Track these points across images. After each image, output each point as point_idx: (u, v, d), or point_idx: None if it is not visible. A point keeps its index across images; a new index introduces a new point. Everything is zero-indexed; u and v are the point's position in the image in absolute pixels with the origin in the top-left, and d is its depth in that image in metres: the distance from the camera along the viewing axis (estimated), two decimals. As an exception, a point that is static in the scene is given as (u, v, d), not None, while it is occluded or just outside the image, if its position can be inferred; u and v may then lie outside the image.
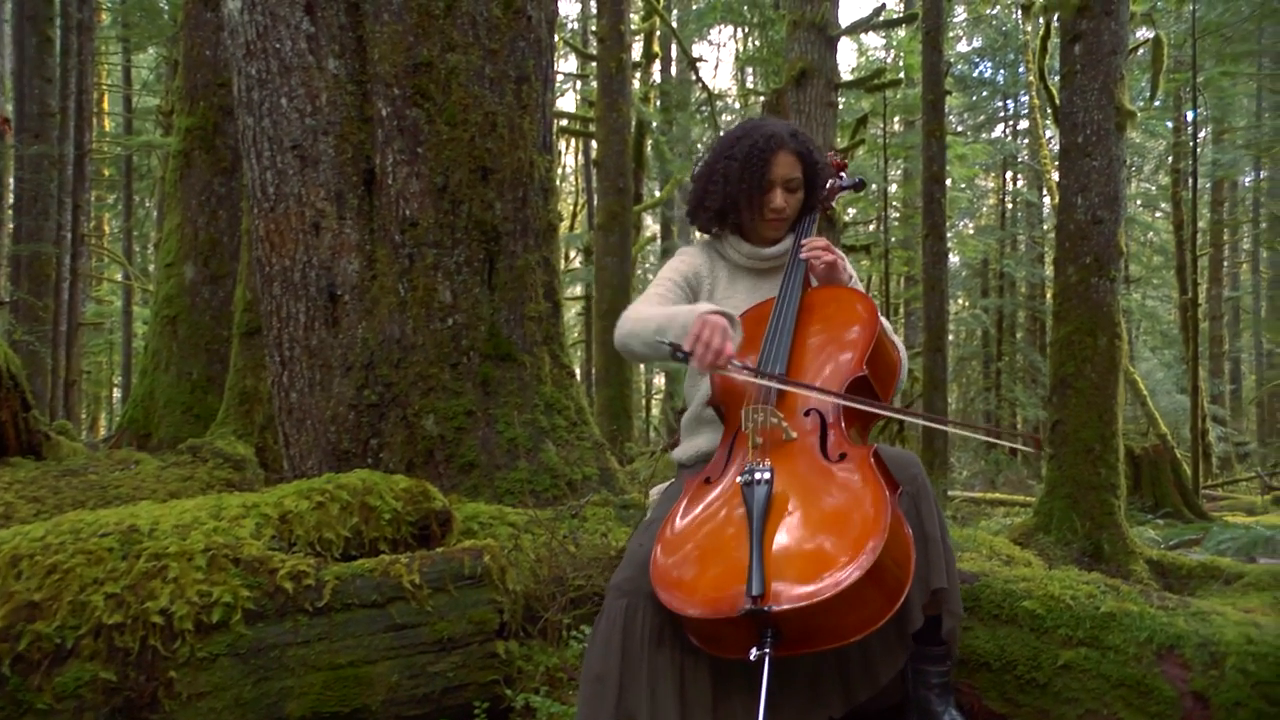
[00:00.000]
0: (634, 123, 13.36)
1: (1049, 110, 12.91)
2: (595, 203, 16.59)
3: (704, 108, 18.59)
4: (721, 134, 2.59)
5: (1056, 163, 6.86)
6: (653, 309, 2.25)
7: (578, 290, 20.38)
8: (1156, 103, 16.53)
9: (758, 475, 1.86)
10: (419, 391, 3.67)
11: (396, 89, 3.71)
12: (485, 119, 3.79)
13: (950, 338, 20.46)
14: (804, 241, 2.39)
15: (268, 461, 5.48)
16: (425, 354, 3.69)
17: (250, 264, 5.16)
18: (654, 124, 16.61)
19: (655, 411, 22.80)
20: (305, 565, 2.27)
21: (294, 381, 3.73)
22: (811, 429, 2.01)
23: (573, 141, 22.69)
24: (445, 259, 3.73)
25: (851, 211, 22.03)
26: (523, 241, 3.92)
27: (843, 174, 2.75)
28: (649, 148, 15.84)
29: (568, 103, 22.65)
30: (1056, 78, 7.03)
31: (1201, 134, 19.04)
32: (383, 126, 3.73)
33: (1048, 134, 17.33)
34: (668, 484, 2.39)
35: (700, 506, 1.95)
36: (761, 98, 15.56)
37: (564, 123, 18.32)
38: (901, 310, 23.40)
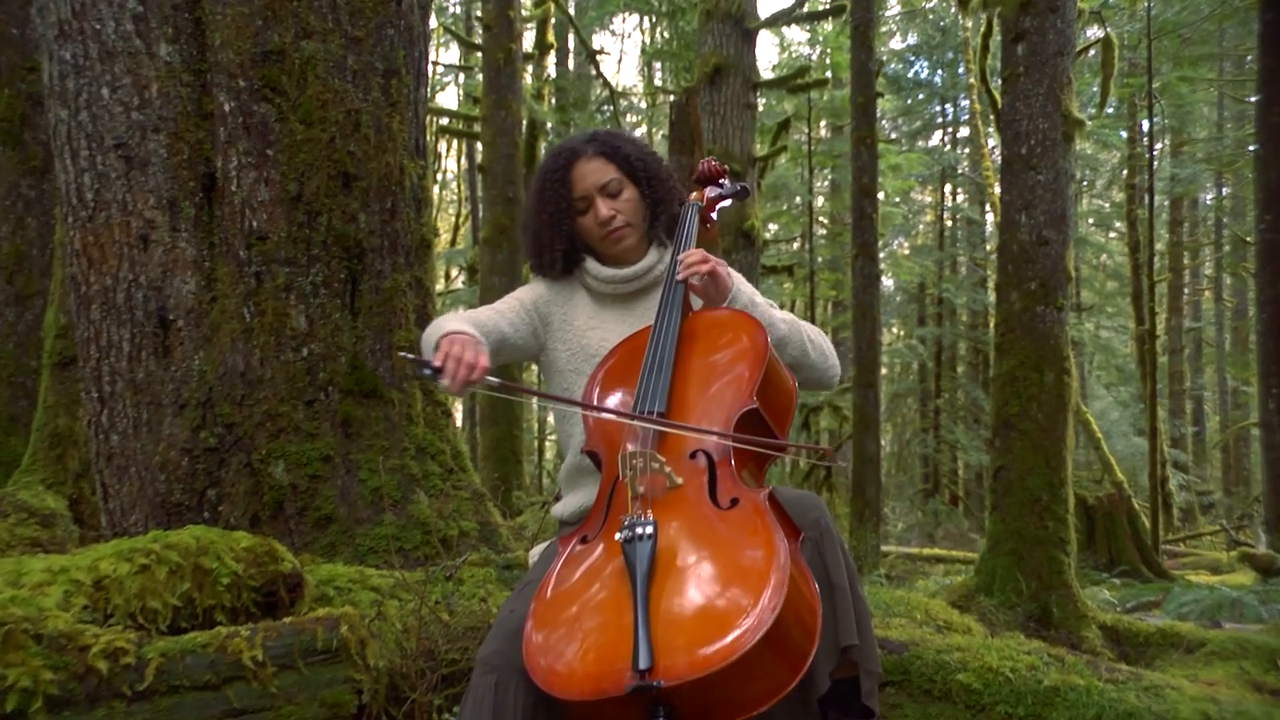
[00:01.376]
0: (525, 122, 13.41)
1: (992, 116, 13.31)
2: (480, 214, 16.56)
3: (605, 107, 18.77)
4: None
5: (999, 175, 7.06)
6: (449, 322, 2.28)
7: (460, 315, 20.24)
8: (1108, 110, 17.12)
9: (639, 530, 1.84)
10: (267, 433, 3.62)
11: (242, 80, 3.67)
12: (347, 117, 3.78)
13: (883, 371, 20.83)
14: (680, 258, 2.41)
15: (83, 516, 5.35)
16: (275, 389, 3.63)
17: (64, 282, 5.03)
18: (548, 124, 16.70)
19: (550, 455, 22.75)
20: (124, 641, 2.21)
21: (115, 421, 3.64)
22: (699, 473, 2.02)
23: (454, 143, 22.69)
24: (299, 279, 3.69)
25: (773, 228, 22.38)
26: (391, 259, 3.90)
27: (724, 181, 2.81)
28: (542, 151, 15.90)
29: (449, 99, 22.70)
30: (999, 80, 7.25)
31: (1158, 146, 19.77)
32: (225, 124, 3.68)
33: (990, 143, 17.85)
34: (548, 543, 2.38)
35: (577, 571, 1.95)
36: (671, 96, 15.75)
37: (444, 122, 18.33)
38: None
